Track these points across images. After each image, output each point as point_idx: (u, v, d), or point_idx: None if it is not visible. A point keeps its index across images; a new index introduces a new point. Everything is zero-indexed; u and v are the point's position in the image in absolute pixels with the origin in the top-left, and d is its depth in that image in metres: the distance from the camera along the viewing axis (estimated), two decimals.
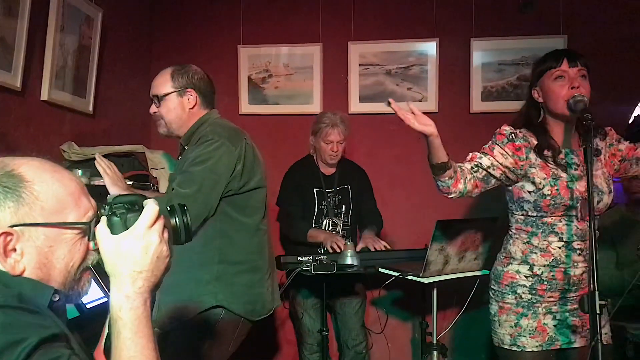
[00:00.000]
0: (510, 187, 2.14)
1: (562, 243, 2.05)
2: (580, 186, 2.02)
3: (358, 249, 3.11)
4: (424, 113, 3.53)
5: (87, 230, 1.09)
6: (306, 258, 2.84)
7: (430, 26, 3.63)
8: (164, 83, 2.23)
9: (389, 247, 3.11)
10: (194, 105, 2.23)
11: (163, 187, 2.75)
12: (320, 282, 2.97)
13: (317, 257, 2.83)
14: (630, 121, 3.84)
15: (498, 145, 2.10)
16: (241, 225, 2.18)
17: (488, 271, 2.79)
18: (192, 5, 3.90)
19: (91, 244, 1.09)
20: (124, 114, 3.46)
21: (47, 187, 1.04)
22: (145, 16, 3.85)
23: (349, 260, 2.79)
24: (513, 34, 3.56)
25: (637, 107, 4.32)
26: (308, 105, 3.74)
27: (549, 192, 2.03)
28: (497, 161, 2.07)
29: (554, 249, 2.06)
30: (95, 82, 3.07)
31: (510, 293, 2.12)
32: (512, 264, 2.14)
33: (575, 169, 2.06)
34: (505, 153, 2.08)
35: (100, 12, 3.04)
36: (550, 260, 2.06)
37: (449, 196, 2.09)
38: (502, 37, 3.57)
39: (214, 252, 2.14)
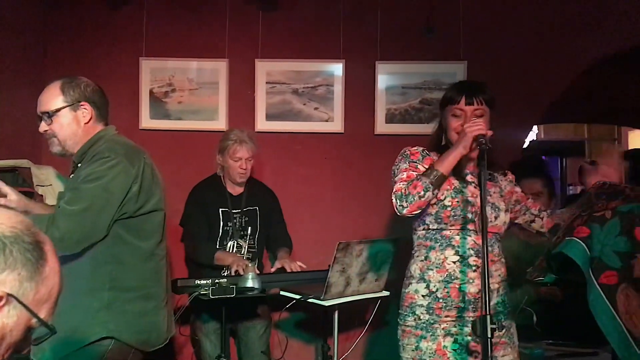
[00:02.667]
0: None
1: (458, 257, 2.09)
2: (478, 202, 2.08)
3: (273, 269, 3.05)
4: (330, 133, 3.66)
5: (42, 335, 1.06)
6: (204, 281, 2.72)
7: (337, 47, 3.65)
8: (53, 98, 2.07)
9: (304, 267, 3.06)
10: (89, 120, 2.10)
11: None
12: (220, 306, 2.86)
13: (216, 281, 2.72)
14: (525, 145, 4.05)
15: (417, 163, 2.16)
16: (135, 250, 2.06)
17: (389, 292, 2.83)
18: (91, 13, 3.71)
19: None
20: (11, 127, 3.20)
21: (52, 277, 1.03)
22: (38, 23, 3.61)
23: (249, 284, 2.71)
24: (416, 59, 3.65)
25: (531, 132, 4.59)
26: (213, 122, 3.65)
27: (450, 204, 2.10)
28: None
29: (449, 264, 2.10)
30: None
31: (410, 314, 2.14)
32: (411, 283, 2.17)
33: (475, 187, 2.14)
34: (426, 168, 2.13)
35: None
36: (445, 276, 2.10)
37: (414, 212, 2.06)
38: (406, 61, 3.65)
39: (104, 278, 2.00)
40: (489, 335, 1.72)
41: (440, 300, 2.10)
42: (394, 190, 2.08)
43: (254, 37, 3.67)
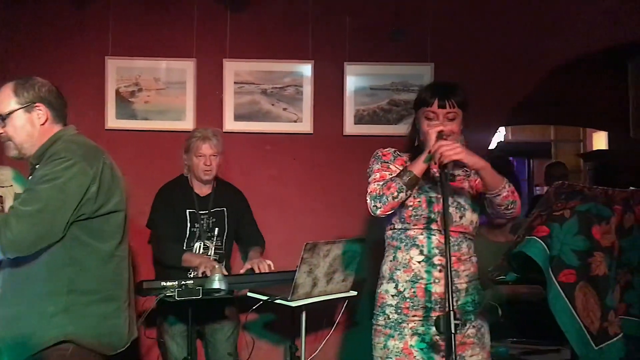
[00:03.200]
0: None
1: (423, 257, 2.13)
2: (441, 202, 2.11)
3: (243, 270, 3.03)
4: (299, 134, 3.66)
5: None
6: (170, 283, 2.69)
7: (305, 48, 3.65)
8: (6, 99, 2.04)
9: (272, 266, 3.05)
10: (45, 121, 2.07)
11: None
12: (187, 308, 2.83)
13: (182, 282, 2.69)
14: (493, 146, 4.10)
15: (389, 163, 2.21)
16: (95, 252, 2.03)
17: (356, 292, 2.84)
18: (55, 11, 3.64)
19: None
20: None
21: None
22: None
23: (216, 285, 2.69)
24: (384, 60, 3.67)
25: (497, 133, 4.66)
26: (180, 122, 3.61)
27: (411, 204, 2.14)
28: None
29: (414, 264, 2.14)
30: None
31: (381, 314, 2.19)
32: (382, 283, 2.22)
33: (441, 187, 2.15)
34: (398, 168, 2.19)
35: None
36: (411, 276, 2.13)
37: (387, 212, 2.11)
38: (374, 62, 3.67)
39: (62, 281, 1.97)
40: (453, 331, 1.74)
41: (408, 300, 2.13)
42: (369, 191, 2.13)
43: (222, 37, 3.64)
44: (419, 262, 2.13)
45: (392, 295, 2.16)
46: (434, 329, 2.07)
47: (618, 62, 4.20)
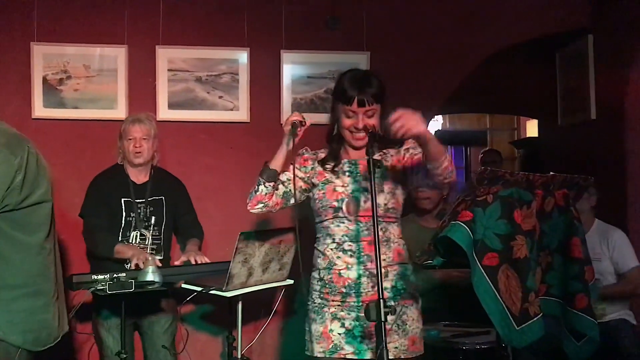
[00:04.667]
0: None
1: (335, 244, 2.21)
2: (348, 190, 2.20)
3: (179, 262, 2.98)
4: (235, 122, 3.62)
5: None
6: (102, 276, 2.62)
7: (241, 35, 3.61)
8: None
9: (208, 261, 3.01)
10: None
11: None
12: (121, 301, 2.76)
13: (114, 275, 2.63)
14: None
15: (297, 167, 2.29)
16: (20, 245, 1.95)
17: (292, 281, 2.84)
18: None
19: None
20: None
21: None
22: None
23: (149, 277, 2.63)
24: (321, 48, 3.68)
25: (433, 121, 4.74)
26: (112, 110, 3.52)
27: (317, 196, 2.24)
28: (294, 174, 2.23)
29: (328, 251, 2.22)
30: None
31: (310, 300, 2.28)
32: (313, 271, 2.31)
33: (349, 176, 2.23)
34: (299, 166, 2.29)
35: None
36: (327, 263, 2.22)
37: (255, 207, 2.30)
38: (311, 50, 3.67)
39: None
40: (383, 319, 1.76)
41: (327, 286, 2.21)
42: None
43: (154, 23, 3.56)
44: (332, 250, 2.21)
45: (317, 281, 2.25)
46: (353, 314, 2.15)
47: (547, 52, 4.34)
